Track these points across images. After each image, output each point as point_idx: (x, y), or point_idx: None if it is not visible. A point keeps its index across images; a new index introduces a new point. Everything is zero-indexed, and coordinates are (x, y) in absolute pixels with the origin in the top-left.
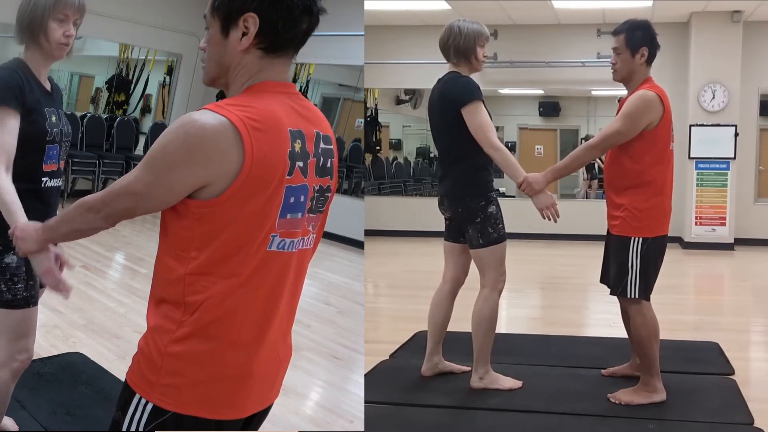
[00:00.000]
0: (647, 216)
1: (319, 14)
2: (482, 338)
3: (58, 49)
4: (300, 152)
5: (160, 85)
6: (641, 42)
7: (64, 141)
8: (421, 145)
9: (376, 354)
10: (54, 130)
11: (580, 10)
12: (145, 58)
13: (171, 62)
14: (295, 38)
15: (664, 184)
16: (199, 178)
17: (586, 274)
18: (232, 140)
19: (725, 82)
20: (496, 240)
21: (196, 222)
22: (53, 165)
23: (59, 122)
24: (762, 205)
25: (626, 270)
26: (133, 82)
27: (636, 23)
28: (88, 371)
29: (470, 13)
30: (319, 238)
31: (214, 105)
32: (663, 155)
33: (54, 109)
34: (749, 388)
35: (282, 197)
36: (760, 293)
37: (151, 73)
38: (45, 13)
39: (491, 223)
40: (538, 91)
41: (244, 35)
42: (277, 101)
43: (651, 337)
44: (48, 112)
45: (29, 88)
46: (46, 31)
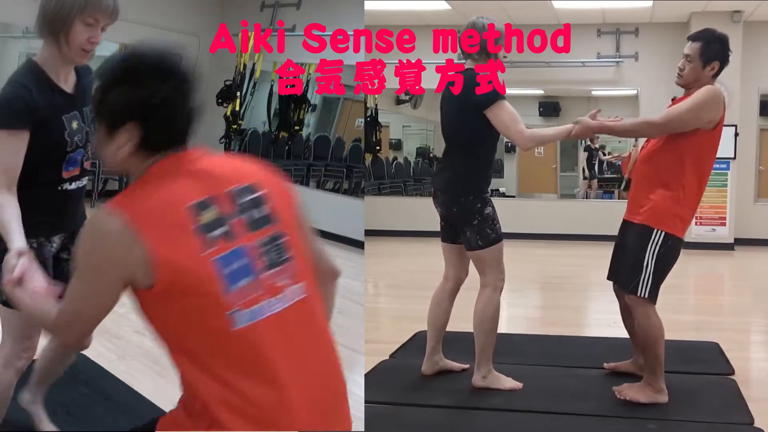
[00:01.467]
0: (674, 215)
1: (192, 80)
2: (485, 338)
3: (78, 55)
4: (215, 221)
5: None
6: (715, 56)
7: (90, 142)
8: (421, 145)
9: (376, 354)
10: (75, 138)
11: (580, 10)
12: None
13: None
14: (183, 132)
15: (696, 194)
16: (119, 278)
17: (586, 274)
18: (129, 240)
19: (725, 82)
20: (494, 240)
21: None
22: (75, 170)
23: (83, 125)
24: (762, 205)
25: (641, 267)
26: None
27: (715, 35)
28: (88, 371)
29: (470, 13)
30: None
31: (118, 199)
32: (704, 164)
33: (75, 113)
34: (749, 388)
35: (214, 274)
36: (760, 293)
37: None
38: (72, 12)
39: (489, 224)
40: (538, 91)
41: (127, 143)
42: (173, 181)
43: (658, 339)
44: (67, 119)
45: (42, 99)
46: (68, 33)
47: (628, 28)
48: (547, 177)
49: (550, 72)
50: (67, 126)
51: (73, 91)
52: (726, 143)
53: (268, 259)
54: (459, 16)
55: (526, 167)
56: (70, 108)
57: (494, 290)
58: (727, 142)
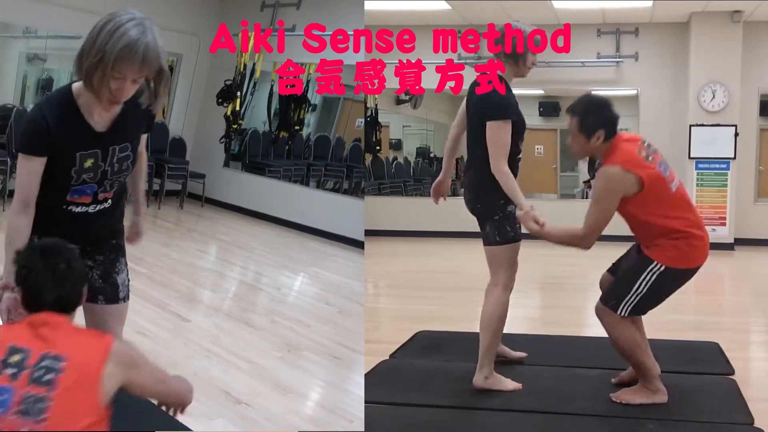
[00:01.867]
0: (680, 251)
1: None
2: (491, 338)
3: (105, 101)
4: (16, 363)
5: None
6: (597, 125)
7: (109, 179)
8: (421, 145)
9: (376, 354)
10: (84, 175)
11: (580, 10)
12: None
13: (171, 62)
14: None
15: (691, 223)
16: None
17: (586, 274)
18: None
19: (725, 82)
20: (512, 239)
21: None
22: (85, 198)
23: (101, 164)
24: (762, 205)
25: (629, 289)
26: None
27: (591, 105)
28: None
29: (470, 13)
30: None
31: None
32: (669, 202)
33: (97, 151)
34: (749, 388)
35: None
36: (760, 293)
37: None
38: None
39: (510, 221)
40: (538, 91)
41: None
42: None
43: (631, 348)
44: (82, 156)
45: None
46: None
47: (628, 28)
48: (547, 177)
49: (550, 72)
50: (78, 163)
51: (104, 129)
52: (726, 143)
53: (24, 410)
54: (459, 16)
55: (526, 167)
56: (91, 145)
57: (504, 290)
58: (727, 142)
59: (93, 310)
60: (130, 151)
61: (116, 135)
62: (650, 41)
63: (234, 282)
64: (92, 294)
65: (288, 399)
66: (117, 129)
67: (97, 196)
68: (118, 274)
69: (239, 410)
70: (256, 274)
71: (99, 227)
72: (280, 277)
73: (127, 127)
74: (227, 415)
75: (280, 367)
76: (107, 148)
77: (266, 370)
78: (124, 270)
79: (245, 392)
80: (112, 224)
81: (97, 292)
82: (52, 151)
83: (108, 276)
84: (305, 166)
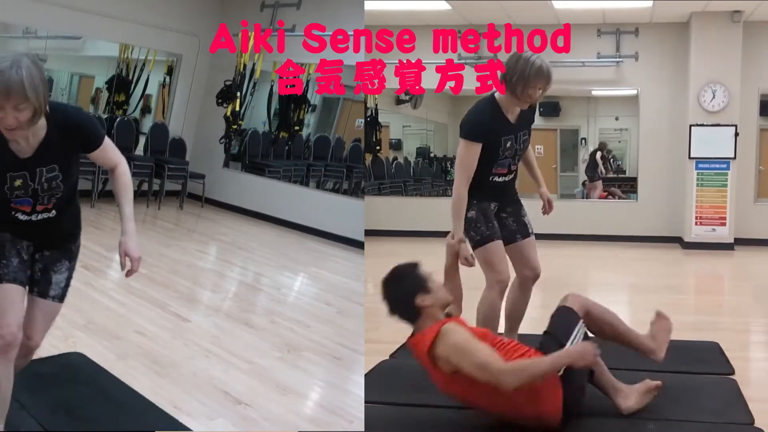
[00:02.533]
0: None
1: None
2: None
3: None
4: None
5: (160, 85)
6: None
7: (43, 194)
8: (421, 145)
9: (376, 354)
10: (17, 192)
11: (580, 10)
12: (145, 59)
13: (171, 62)
14: None
15: None
16: None
17: (586, 274)
18: None
19: (725, 82)
20: (478, 243)
21: None
22: (25, 207)
23: (29, 183)
24: (762, 205)
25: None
26: (133, 82)
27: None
28: (88, 371)
29: (470, 13)
30: None
31: None
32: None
33: (25, 173)
34: (749, 388)
35: None
36: (760, 293)
37: (151, 74)
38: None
39: (471, 227)
40: None
41: None
42: None
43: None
44: (11, 177)
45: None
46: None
47: (628, 28)
48: (547, 177)
49: None
50: (9, 182)
51: (29, 155)
52: (726, 143)
53: None
54: (459, 16)
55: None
56: (20, 168)
57: (489, 289)
58: (727, 142)
59: (29, 301)
60: (59, 171)
61: (41, 159)
62: (650, 41)
63: (234, 282)
64: (30, 285)
65: (288, 399)
66: (41, 153)
67: (36, 207)
68: (56, 273)
69: (239, 410)
70: (256, 275)
71: (47, 232)
72: (280, 278)
73: (50, 150)
74: (227, 415)
75: (280, 367)
76: (34, 170)
77: (266, 370)
78: (64, 272)
79: (245, 392)
80: (61, 230)
81: (33, 284)
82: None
83: (46, 271)
84: (305, 166)
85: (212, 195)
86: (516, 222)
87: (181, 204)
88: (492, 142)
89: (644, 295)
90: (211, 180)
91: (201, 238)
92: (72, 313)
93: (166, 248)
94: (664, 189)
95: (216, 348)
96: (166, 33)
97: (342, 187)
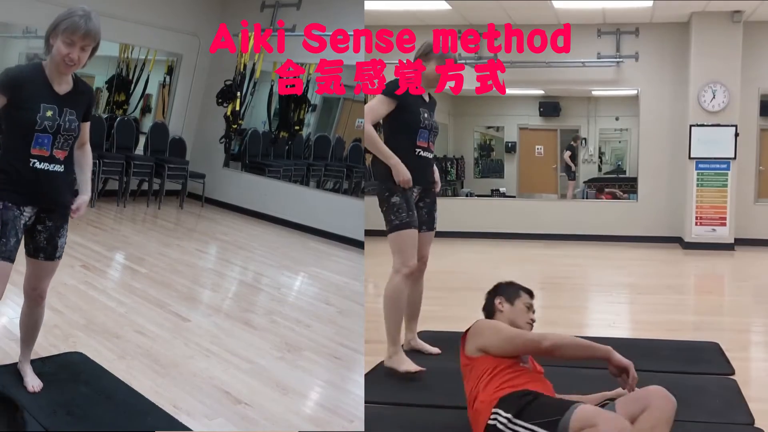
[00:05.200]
0: None
1: None
2: (384, 316)
3: (62, 65)
4: None
5: (161, 85)
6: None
7: (62, 134)
8: None
9: (376, 354)
10: (46, 122)
11: (580, 10)
12: (145, 58)
13: (171, 62)
14: None
15: None
16: None
17: (586, 274)
18: None
19: (725, 82)
20: (396, 227)
21: None
22: (44, 151)
23: (58, 118)
24: (762, 205)
25: None
26: (133, 82)
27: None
28: (88, 371)
29: (470, 13)
30: None
31: None
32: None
33: (55, 107)
34: (749, 388)
35: None
36: (760, 293)
37: (151, 73)
38: (57, 33)
39: (393, 211)
40: (538, 91)
41: None
42: None
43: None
44: (44, 107)
45: (31, 85)
46: (53, 49)
47: (629, 28)
48: (547, 177)
49: (550, 72)
50: (42, 111)
51: (63, 94)
52: (726, 143)
53: None
54: (459, 16)
55: (526, 167)
56: (53, 101)
57: (395, 273)
58: (728, 142)
59: (33, 264)
60: (76, 118)
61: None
62: (650, 41)
63: (234, 282)
64: (36, 251)
65: (288, 399)
66: (68, 98)
67: (53, 151)
68: (60, 238)
69: (239, 410)
70: (256, 274)
71: (55, 188)
72: (280, 277)
73: (73, 99)
74: (227, 414)
75: (280, 367)
76: (67, 107)
77: (266, 370)
78: (64, 235)
79: (245, 392)
80: (64, 190)
81: (39, 250)
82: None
83: (51, 239)
84: (305, 166)
85: (212, 194)
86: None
87: (181, 203)
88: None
89: (644, 295)
90: (211, 179)
91: (201, 238)
92: (72, 313)
93: (166, 248)
94: (664, 189)
95: (216, 348)
96: (167, 33)
97: (342, 186)
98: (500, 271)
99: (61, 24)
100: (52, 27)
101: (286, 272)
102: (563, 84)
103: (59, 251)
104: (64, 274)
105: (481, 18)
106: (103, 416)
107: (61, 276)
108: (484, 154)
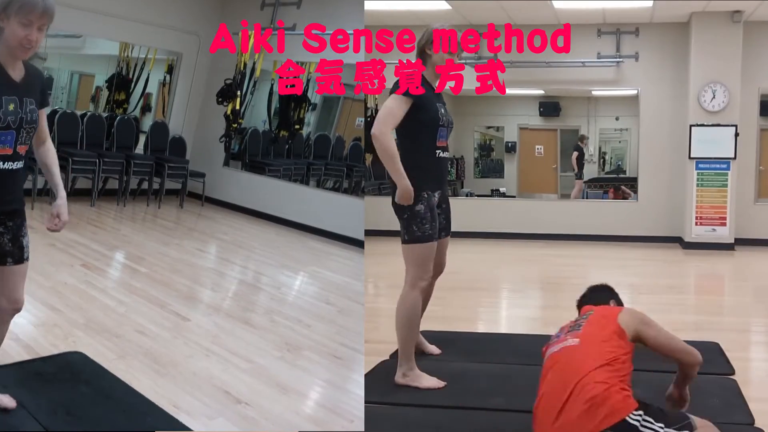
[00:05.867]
0: None
1: None
2: (400, 333)
3: (20, 49)
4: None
5: (161, 83)
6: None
7: (24, 128)
8: None
9: (376, 354)
10: (9, 117)
11: (580, 10)
12: (145, 57)
13: (171, 61)
14: None
15: None
16: None
17: (586, 274)
18: None
19: (725, 82)
20: (419, 239)
21: None
22: (7, 149)
23: (19, 110)
24: (762, 205)
25: None
26: (133, 80)
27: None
28: (88, 370)
29: (470, 13)
30: None
31: None
32: None
33: (15, 98)
34: (749, 388)
35: None
36: (760, 293)
37: (151, 72)
38: (10, 14)
39: (417, 221)
40: (538, 91)
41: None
42: None
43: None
44: (6, 99)
45: None
46: (5, 32)
47: (629, 28)
48: (547, 177)
49: (550, 72)
50: (3, 105)
51: (20, 81)
52: (726, 143)
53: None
54: (459, 16)
55: (526, 167)
56: (11, 92)
57: (411, 288)
58: (728, 142)
59: (5, 272)
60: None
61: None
62: (650, 41)
63: (234, 281)
64: (2, 257)
65: (288, 398)
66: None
67: (17, 148)
68: (23, 237)
69: (239, 410)
70: (256, 274)
71: (18, 187)
72: (280, 277)
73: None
74: (227, 414)
75: (280, 367)
76: (24, 97)
77: (266, 370)
78: (26, 234)
79: (245, 392)
80: (22, 185)
81: (6, 255)
82: None
83: (16, 240)
84: (305, 165)
85: (212, 194)
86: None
87: (181, 203)
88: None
89: (644, 295)
90: (211, 179)
91: (201, 237)
92: (72, 312)
93: (166, 247)
94: (664, 189)
95: (216, 347)
96: (167, 32)
97: (342, 186)
98: (500, 271)
99: (14, 3)
100: (2, 7)
101: (286, 271)
102: (563, 84)
103: (26, 252)
104: (64, 273)
105: (481, 18)
106: (102, 416)
107: (60, 275)
108: (484, 154)
